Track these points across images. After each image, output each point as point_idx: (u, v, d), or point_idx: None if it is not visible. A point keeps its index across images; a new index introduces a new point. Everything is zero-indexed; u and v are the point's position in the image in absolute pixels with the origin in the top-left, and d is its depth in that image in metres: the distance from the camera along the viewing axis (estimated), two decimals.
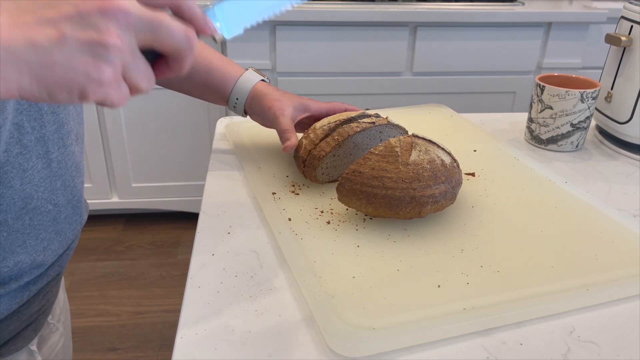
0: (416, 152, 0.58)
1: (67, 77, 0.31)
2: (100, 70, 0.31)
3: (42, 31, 0.29)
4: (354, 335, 0.44)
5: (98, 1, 0.31)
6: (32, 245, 0.48)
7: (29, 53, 0.29)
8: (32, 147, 0.46)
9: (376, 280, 0.51)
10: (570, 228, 0.61)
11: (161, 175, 2.00)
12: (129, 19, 0.32)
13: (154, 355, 1.56)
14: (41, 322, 0.57)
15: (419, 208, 0.57)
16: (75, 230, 0.56)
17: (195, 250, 0.56)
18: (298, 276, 0.51)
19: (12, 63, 0.29)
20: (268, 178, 0.69)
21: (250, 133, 0.83)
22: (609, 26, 1.85)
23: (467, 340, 0.46)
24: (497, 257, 0.55)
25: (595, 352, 0.45)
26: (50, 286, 0.56)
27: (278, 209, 0.62)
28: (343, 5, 1.74)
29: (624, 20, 0.83)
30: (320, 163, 0.65)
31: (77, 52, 0.31)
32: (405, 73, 1.82)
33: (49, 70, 0.30)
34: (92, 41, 0.31)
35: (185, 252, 2.01)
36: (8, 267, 0.46)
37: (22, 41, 0.29)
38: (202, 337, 0.45)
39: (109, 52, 0.31)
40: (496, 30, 1.77)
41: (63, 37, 0.30)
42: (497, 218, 0.62)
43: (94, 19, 0.31)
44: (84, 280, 1.84)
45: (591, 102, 0.80)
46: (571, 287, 0.51)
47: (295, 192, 0.66)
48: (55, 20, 0.30)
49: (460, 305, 0.48)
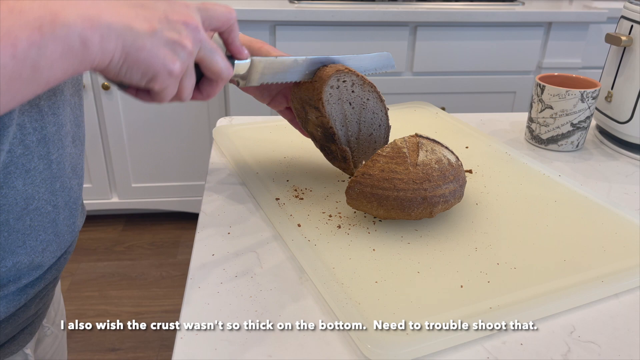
0: (423, 152, 0.58)
1: (148, 61, 0.38)
2: (174, 63, 0.40)
3: (139, 22, 0.37)
4: (390, 341, 0.43)
5: (183, 14, 0.40)
6: (31, 246, 0.48)
7: (126, 34, 0.36)
8: (34, 147, 0.46)
9: (399, 283, 0.50)
10: (573, 221, 0.62)
11: (161, 175, 2.00)
12: (200, 36, 0.42)
13: (154, 356, 1.56)
14: (37, 325, 0.57)
15: (431, 208, 0.57)
16: (73, 232, 0.55)
17: (195, 250, 0.56)
18: (319, 284, 0.50)
19: (112, 38, 0.35)
20: (268, 183, 0.68)
21: (241, 136, 0.81)
22: (609, 26, 1.85)
23: (472, 341, 0.46)
24: (511, 254, 0.55)
25: (596, 352, 0.45)
26: (47, 290, 0.56)
27: (285, 216, 0.61)
28: (343, 5, 1.74)
29: (624, 19, 0.83)
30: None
31: (162, 44, 0.39)
32: (405, 73, 1.82)
33: (138, 51, 0.37)
34: (174, 40, 0.39)
35: (185, 252, 2.01)
36: (6, 267, 0.46)
37: (122, 24, 0.36)
38: (202, 337, 0.45)
39: (184, 52, 0.40)
40: (496, 30, 1.77)
41: (154, 30, 0.38)
42: (502, 214, 0.63)
43: (178, 26, 0.40)
44: (84, 281, 1.84)
45: (591, 101, 0.80)
46: (587, 279, 0.52)
47: (299, 197, 0.65)
48: (149, 18, 0.38)
49: (486, 305, 0.48)
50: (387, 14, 1.68)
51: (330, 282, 0.50)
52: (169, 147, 1.95)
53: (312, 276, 0.52)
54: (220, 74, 0.45)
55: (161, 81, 0.40)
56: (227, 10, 0.46)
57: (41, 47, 0.32)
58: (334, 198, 0.65)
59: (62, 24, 0.33)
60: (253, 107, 1.80)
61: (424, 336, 0.44)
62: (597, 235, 0.59)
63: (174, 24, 0.40)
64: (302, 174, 0.70)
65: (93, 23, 0.34)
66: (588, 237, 0.59)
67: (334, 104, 0.63)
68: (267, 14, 1.64)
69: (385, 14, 1.68)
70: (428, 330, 0.44)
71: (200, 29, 0.42)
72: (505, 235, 0.59)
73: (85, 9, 0.34)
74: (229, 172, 0.73)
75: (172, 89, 0.42)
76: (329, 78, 0.61)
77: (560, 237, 0.59)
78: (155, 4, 0.39)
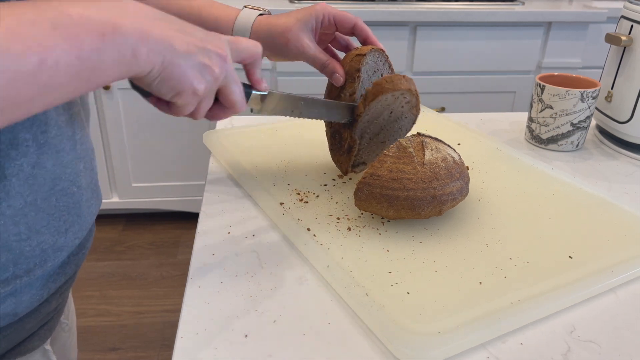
0: (429, 151, 0.58)
1: (179, 78, 0.43)
2: (200, 84, 0.44)
3: (179, 43, 0.42)
4: (423, 343, 0.43)
5: (215, 45, 0.45)
6: (55, 226, 0.49)
7: (168, 51, 0.41)
8: (64, 128, 0.48)
9: (419, 284, 0.51)
10: (574, 213, 0.64)
11: (161, 175, 2.00)
12: (227, 67, 0.47)
13: (154, 355, 1.56)
14: (56, 321, 0.58)
15: (440, 207, 0.57)
16: (92, 214, 0.56)
17: (195, 250, 0.56)
18: (339, 288, 0.50)
19: (156, 52, 0.40)
20: (269, 188, 0.67)
21: (232, 141, 0.79)
22: (609, 26, 1.85)
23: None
24: (521, 249, 0.56)
25: (596, 352, 0.45)
26: (67, 285, 0.57)
27: (293, 220, 0.60)
28: (343, 5, 1.74)
29: (624, 19, 0.83)
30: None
31: (194, 66, 0.43)
32: (405, 73, 1.81)
33: (173, 67, 0.42)
34: (205, 64, 0.44)
35: (185, 252, 2.01)
36: (31, 247, 0.47)
37: (166, 42, 0.41)
38: (202, 337, 0.45)
39: (211, 77, 0.45)
40: (496, 29, 1.77)
41: (190, 53, 0.43)
42: (505, 209, 0.64)
43: (211, 53, 0.45)
44: (84, 280, 1.84)
45: (591, 101, 0.80)
46: (597, 270, 0.53)
47: (304, 201, 0.64)
48: (188, 41, 0.43)
49: (507, 300, 0.48)
50: (387, 13, 1.68)
51: (350, 285, 0.50)
52: (169, 147, 1.95)
53: (330, 281, 0.51)
54: (234, 104, 0.50)
55: (185, 97, 0.45)
56: (254, 45, 0.51)
57: (101, 52, 0.36)
58: (339, 200, 0.65)
59: (120, 33, 0.37)
60: None
61: (454, 335, 0.44)
62: (599, 226, 0.61)
63: (207, 51, 0.44)
64: (302, 177, 0.70)
65: (144, 37, 0.39)
66: (591, 229, 0.61)
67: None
68: None
69: (385, 13, 1.68)
70: (456, 329, 0.45)
71: (228, 60, 0.47)
72: (513, 230, 0.60)
73: (139, 23, 0.39)
74: (229, 171, 0.73)
75: (192, 106, 0.46)
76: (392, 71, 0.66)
77: (565, 230, 0.60)
78: (195, 32, 0.45)
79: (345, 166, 0.67)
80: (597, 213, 0.64)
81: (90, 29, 0.36)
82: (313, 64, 0.66)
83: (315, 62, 0.65)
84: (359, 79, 0.64)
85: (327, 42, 0.71)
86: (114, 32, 0.37)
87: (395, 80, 0.62)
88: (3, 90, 0.32)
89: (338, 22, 0.66)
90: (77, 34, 0.35)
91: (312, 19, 0.64)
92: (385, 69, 0.69)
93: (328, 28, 0.67)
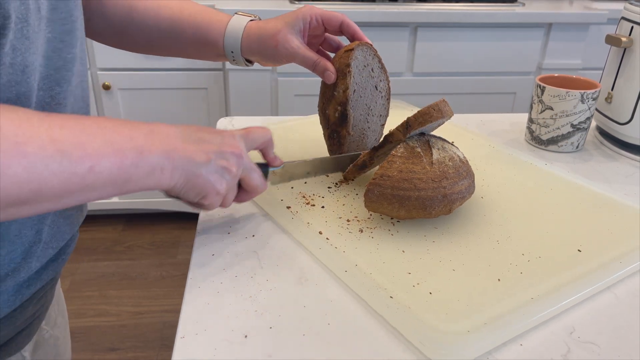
0: (436, 150, 0.58)
1: (202, 185, 0.49)
2: (221, 185, 0.50)
3: (198, 155, 0.48)
4: (455, 341, 0.44)
5: (231, 145, 0.51)
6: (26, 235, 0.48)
7: (189, 165, 0.47)
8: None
9: (439, 283, 0.51)
10: (575, 207, 0.65)
11: None
12: (244, 162, 0.52)
13: (154, 356, 1.56)
14: (35, 327, 0.57)
15: (450, 205, 0.57)
16: (72, 226, 0.56)
17: (195, 250, 0.57)
18: (362, 292, 0.50)
19: (178, 169, 0.47)
20: (274, 192, 0.66)
21: None
22: (609, 27, 1.85)
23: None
24: (531, 245, 0.57)
25: (596, 352, 0.45)
26: (44, 290, 0.56)
27: (303, 224, 0.60)
28: (343, 5, 1.74)
29: (625, 21, 0.83)
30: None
31: (213, 171, 0.49)
32: (405, 74, 1.82)
33: (195, 178, 0.48)
34: (224, 167, 0.50)
35: (185, 252, 2.01)
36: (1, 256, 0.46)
37: (187, 157, 0.47)
38: (202, 337, 0.45)
39: (230, 176, 0.51)
40: (496, 31, 1.77)
41: (209, 161, 0.49)
42: (509, 206, 0.65)
43: (227, 155, 0.50)
44: (84, 280, 1.84)
45: (591, 102, 0.80)
46: (607, 261, 0.55)
47: (311, 204, 0.64)
48: (207, 150, 0.49)
49: (527, 296, 0.49)
50: (387, 14, 1.68)
51: (372, 289, 0.50)
52: None
53: (352, 285, 0.51)
54: (256, 189, 0.56)
55: (210, 198, 0.51)
56: (265, 132, 0.57)
57: (137, 166, 0.43)
58: (346, 202, 0.64)
59: (152, 153, 0.44)
60: (253, 108, 1.80)
61: (482, 333, 0.44)
62: (601, 219, 0.63)
63: (224, 154, 0.50)
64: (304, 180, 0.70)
65: (169, 156, 0.46)
66: (594, 222, 0.62)
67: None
68: (267, 14, 1.64)
69: (386, 14, 1.68)
70: (483, 327, 0.45)
71: (243, 154, 0.52)
72: (519, 226, 0.60)
73: (166, 145, 0.46)
74: None
75: (218, 203, 0.52)
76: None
77: (568, 224, 0.61)
78: (212, 138, 0.50)
79: (354, 175, 0.69)
80: (594, 206, 0.65)
81: (132, 148, 0.43)
82: (304, 64, 0.67)
83: (306, 62, 0.66)
84: (350, 73, 0.66)
85: (318, 44, 0.73)
86: (149, 152, 0.44)
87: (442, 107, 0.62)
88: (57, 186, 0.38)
89: (326, 21, 0.68)
90: (121, 148, 0.42)
91: (300, 21, 0.66)
92: (374, 62, 0.70)
93: (317, 29, 0.68)
